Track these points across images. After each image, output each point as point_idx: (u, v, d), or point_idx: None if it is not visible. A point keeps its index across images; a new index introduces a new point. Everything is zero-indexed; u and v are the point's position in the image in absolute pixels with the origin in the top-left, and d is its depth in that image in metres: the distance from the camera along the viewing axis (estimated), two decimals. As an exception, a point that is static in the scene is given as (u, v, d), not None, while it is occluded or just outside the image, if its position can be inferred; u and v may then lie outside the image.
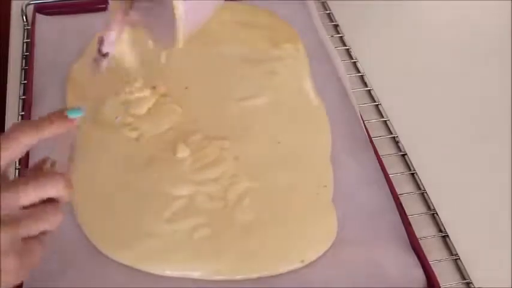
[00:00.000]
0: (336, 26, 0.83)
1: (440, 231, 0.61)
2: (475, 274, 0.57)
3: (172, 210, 0.58)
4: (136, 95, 0.68)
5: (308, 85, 0.72)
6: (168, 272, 0.55)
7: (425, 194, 0.63)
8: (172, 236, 0.57)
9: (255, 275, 0.55)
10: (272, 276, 0.55)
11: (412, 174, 0.65)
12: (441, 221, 0.61)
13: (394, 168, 0.65)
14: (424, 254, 0.57)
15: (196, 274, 0.55)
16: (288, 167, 0.63)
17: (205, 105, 0.69)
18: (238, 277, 0.55)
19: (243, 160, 0.63)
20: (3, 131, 0.66)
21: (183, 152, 0.63)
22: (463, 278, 0.57)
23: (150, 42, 0.55)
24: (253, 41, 0.77)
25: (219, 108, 0.69)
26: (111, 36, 0.53)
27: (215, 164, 0.63)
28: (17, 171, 0.62)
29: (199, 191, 0.60)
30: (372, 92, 0.74)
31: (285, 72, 0.73)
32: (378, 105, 0.73)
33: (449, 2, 0.87)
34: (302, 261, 0.56)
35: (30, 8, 0.80)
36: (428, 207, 0.63)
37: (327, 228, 0.58)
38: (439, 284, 0.55)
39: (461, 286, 0.57)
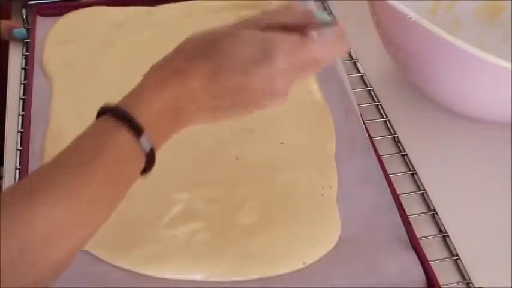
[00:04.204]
0: (336, 26, 0.83)
1: (441, 231, 0.61)
2: (475, 274, 0.57)
3: (171, 214, 0.58)
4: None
5: (314, 86, 0.72)
6: (169, 276, 0.55)
7: (425, 193, 0.63)
8: (172, 241, 0.56)
9: (256, 277, 0.55)
10: (272, 277, 0.55)
11: (412, 174, 0.65)
12: (441, 221, 0.61)
13: (394, 168, 0.65)
14: (424, 254, 0.57)
15: (197, 277, 0.55)
16: (291, 168, 0.63)
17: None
18: (238, 279, 0.55)
19: (244, 161, 0.63)
20: (4, 131, 0.67)
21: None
22: (463, 278, 0.57)
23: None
24: None
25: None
26: None
27: (215, 166, 0.63)
28: (17, 171, 0.62)
29: (198, 194, 0.60)
30: (372, 92, 0.74)
31: None
32: (378, 105, 0.73)
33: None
34: (304, 263, 0.56)
35: (31, 9, 0.80)
36: (429, 207, 0.63)
37: (330, 230, 0.58)
38: (439, 284, 0.55)
39: (461, 286, 0.57)
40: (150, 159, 0.45)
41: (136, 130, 0.43)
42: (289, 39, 0.46)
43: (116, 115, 0.43)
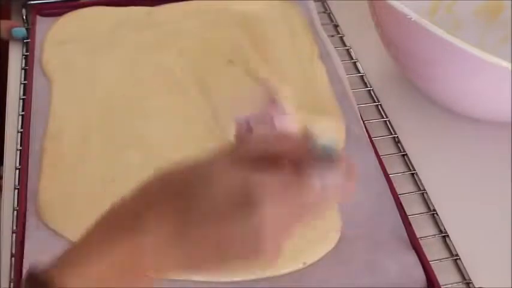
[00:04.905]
0: (336, 26, 0.83)
1: (441, 231, 0.61)
2: (475, 274, 0.57)
3: None
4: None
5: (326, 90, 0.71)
6: (169, 277, 0.54)
7: (425, 194, 0.63)
8: None
9: (256, 277, 0.54)
10: (272, 277, 0.55)
11: (412, 174, 0.65)
12: (441, 221, 0.61)
13: (394, 168, 0.65)
14: (424, 254, 0.57)
15: (197, 277, 0.54)
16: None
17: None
18: (238, 279, 0.54)
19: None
20: (3, 131, 0.67)
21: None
22: (463, 278, 0.57)
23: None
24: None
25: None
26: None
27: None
28: (17, 171, 0.62)
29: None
30: (371, 92, 0.74)
31: None
32: (378, 105, 0.73)
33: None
34: (304, 263, 0.56)
35: (31, 8, 0.80)
36: (428, 207, 0.63)
37: (330, 230, 0.58)
38: (439, 284, 0.55)
39: (461, 286, 0.57)
40: None
41: None
42: (280, 181, 0.35)
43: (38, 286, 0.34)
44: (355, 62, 0.78)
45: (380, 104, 0.72)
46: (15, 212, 0.59)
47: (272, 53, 0.75)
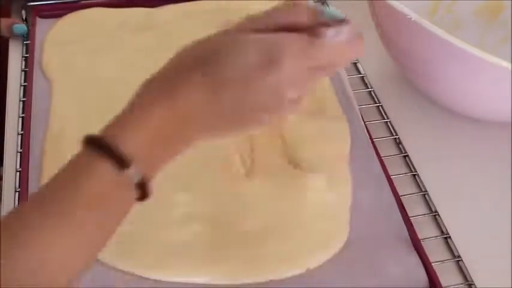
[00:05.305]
0: (335, 27, 0.83)
1: (442, 232, 0.61)
2: (477, 275, 0.57)
3: (174, 216, 0.58)
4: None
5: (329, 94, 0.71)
6: (172, 280, 0.54)
7: (426, 195, 0.63)
8: (175, 243, 0.56)
9: (258, 281, 0.55)
10: (275, 280, 0.55)
11: (414, 175, 0.65)
12: (443, 222, 0.61)
13: (396, 169, 0.65)
14: (426, 255, 0.57)
15: (200, 280, 0.54)
16: (297, 172, 0.63)
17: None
18: (239, 282, 0.55)
19: (251, 163, 0.63)
20: (3, 132, 0.67)
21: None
22: (466, 279, 0.57)
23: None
24: None
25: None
26: None
27: (222, 168, 0.62)
28: (17, 173, 0.62)
29: (203, 196, 0.60)
30: (372, 93, 0.74)
31: None
32: (379, 106, 0.72)
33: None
34: (308, 268, 0.56)
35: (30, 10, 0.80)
36: (430, 209, 0.63)
37: (336, 235, 0.58)
38: (441, 285, 0.55)
39: (463, 287, 0.57)
40: (142, 189, 0.40)
41: (122, 162, 0.39)
42: (298, 41, 0.41)
43: (99, 147, 0.39)
44: (355, 63, 0.78)
45: (381, 105, 0.72)
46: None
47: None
